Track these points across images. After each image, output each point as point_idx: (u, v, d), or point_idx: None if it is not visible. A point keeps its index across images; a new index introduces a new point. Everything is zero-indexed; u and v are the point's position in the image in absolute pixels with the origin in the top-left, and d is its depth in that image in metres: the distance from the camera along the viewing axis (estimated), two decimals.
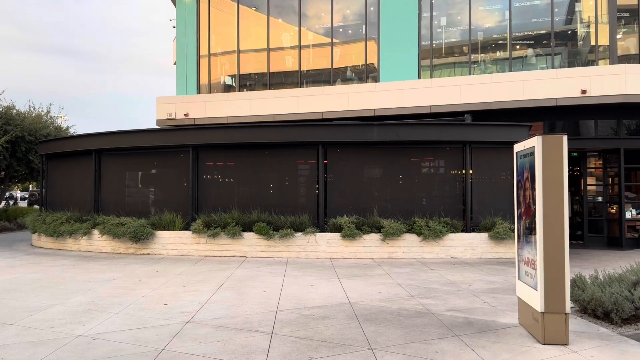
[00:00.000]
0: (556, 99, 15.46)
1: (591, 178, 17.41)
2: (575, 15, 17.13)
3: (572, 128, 16.87)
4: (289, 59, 19.43)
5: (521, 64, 17.34)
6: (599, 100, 15.12)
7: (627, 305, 6.46)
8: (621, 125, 16.27)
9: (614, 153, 16.36)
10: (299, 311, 7.20)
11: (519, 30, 17.24)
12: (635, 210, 16.35)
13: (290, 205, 14.02)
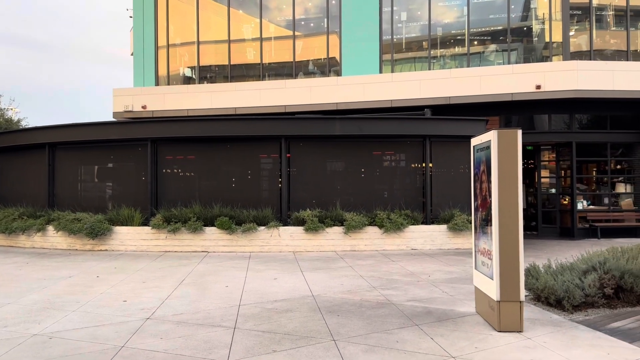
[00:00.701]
0: (512, 94, 15.92)
1: (545, 171, 18.04)
2: (530, 12, 17.65)
3: (527, 122, 17.41)
4: (251, 52, 19.25)
5: (479, 59, 17.74)
6: (553, 95, 15.65)
7: (578, 292, 6.75)
8: (573, 119, 16.91)
9: (567, 146, 17.00)
10: (262, 305, 7.20)
11: (477, 26, 17.63)
12: (587, 201, 17.06)
13: (253, 200, 13.95)
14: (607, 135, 16.89)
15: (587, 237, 16.37)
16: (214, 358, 4.99)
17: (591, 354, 5.08)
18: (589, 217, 16.65)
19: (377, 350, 5.21)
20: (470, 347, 5.31)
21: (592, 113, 16.97)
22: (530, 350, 5.21)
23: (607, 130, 16.90)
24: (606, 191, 17.10)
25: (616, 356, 5.01)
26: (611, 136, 16.89)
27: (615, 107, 16.64)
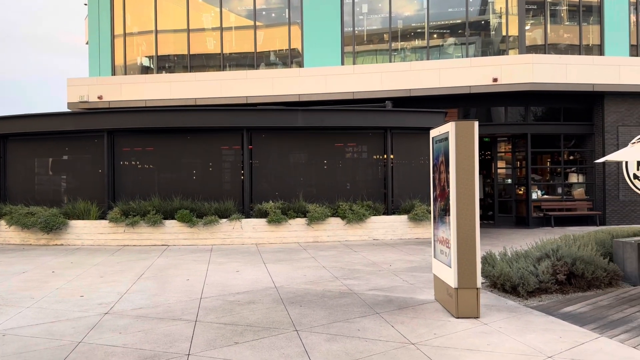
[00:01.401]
0: (470, 87, 16.26)
1: (501, 162, 18.56)
2: (488, 6, 18.03)
3: (485, 114, 17.84)
4: (211, 41, 18.94)
5: (438, 52, 18.03)
6: (509, 88, 16.08)
7: (532, 279, 7.00)
8: (529, 111, 17.43)
9: (522, 138, 17.53)
10: (224, 297, 7.15)
11: (436, 20, 17.89)
12: (541, 191, 17.66)
13: (215, 192, 13.80)
14: (561, 127, 17.50)
15: (541, 225, 16.96)
16: (175, 351, 4.93)
17: (544, 338, 5.29)
18: (543, 206, 17.24)
19: (339, 339, 5.27)
20: (429, 333, 5.43)
21: (547, 105, 17.54)
22: (487, 335, 5.38)
23: (560, 122, 17.51)
24: (559, 181, 17.74)
25: (568, 339, 5.23)
26: (564, 128, 17.51)
27: (568, 99, 17.24)
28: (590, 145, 17.50)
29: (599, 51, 17.53)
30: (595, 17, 17.65)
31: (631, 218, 16.77)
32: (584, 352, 4.84)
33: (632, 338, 5.28)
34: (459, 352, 4.86)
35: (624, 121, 16.97)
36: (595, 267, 7.38)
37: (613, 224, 16.24)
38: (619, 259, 8.06)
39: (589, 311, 6.35)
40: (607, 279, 7.54)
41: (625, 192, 16.89)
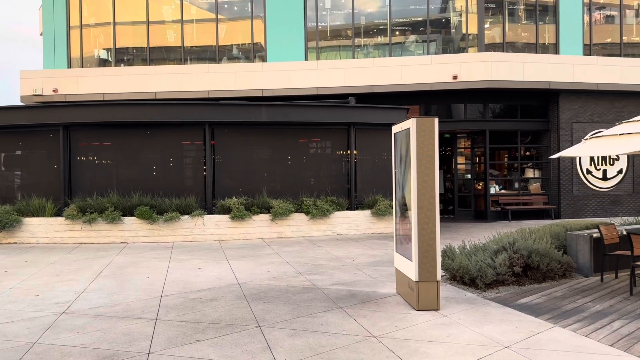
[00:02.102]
0: (431, 84, 16.52)
1: (461, 157, 18.97)
2: (448, 5, 18.34)
3: (446, 111, 18.17)
4: (171, 34, 18.56)
5: (400, 49, 18.23)
6: (469, 85, 16.42)
7: (490, 271, 7.20)
8: (487, 108, 17.86)
9: (481, 134, 17.95)
10: (185, 295, 7.05)
11: (399, 17, 18.07)
12: (499, 186, 18.15)
13: (176, 188, 13.56)
14: (518, 123, 18.01)
15: (499, 219, 17.44)
16: (135, 350, 4.84)
17: (501, 328, 5.45)
18: (500, 200, 17.73)
19: (302, 334, 5.28)
20: (390, 326, 5.51)
21: (504, 102, 18.01)
22: (446, 327, 5.50)
23: (517, 119, 18.02)
24: (516, 176, 18.27)
25: (524, 329, 5.40)
26: (521, 124, 18.03)
27: (525, 96, 17.76)
28: (545, 141, 18.08)
29: (554, 50, 18.10)
30: (551, 16, 18.21)
31: (584, 212, 17.44)
32: (538, 342, 5.01)
33: (583, 327, 5.50)
34: (419, 344, 4.95)
35: (578, 118, 17.60)
36: (550, 260, 7.64)
37: (567, 218, 16.84)
38: (572, 251, 8.38)
39: (544, 302, 6.57)
40: (562, 271, 7.83)
41: (579, 187, 17.55)
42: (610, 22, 18.84)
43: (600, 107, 17.73)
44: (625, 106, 17.63)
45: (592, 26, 18.45)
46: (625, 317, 5.87)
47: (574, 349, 4.82)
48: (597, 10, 18.73)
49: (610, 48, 18.67)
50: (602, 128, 15.90)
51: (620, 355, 4.65)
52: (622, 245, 7.91)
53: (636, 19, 19.04)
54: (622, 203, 17.73)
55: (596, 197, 17.64)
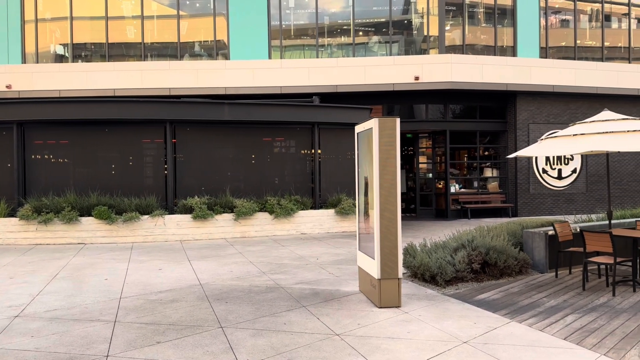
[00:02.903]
0: (393, 84, 16.73)
1: (423, 157, 19.29)
2: (410, 6, 18.60)
3: (408, 111, 18.44)
4: (131, 30, 18.14)
5: (364, 49, 18.38)
6: (430, 86, 16.71)
7: (450, 268, 7.35)
8: (448, 109, 18.22)
9: (442, 134, 18.30)
10: (145, 297, 6.92)
11: (362, 17, 18.22)
12: (459, 185, 18.55)
13: (136, 187, 13.27)
14: (477, 124, 18.46)
15: (459, 217, 17.83)
16: (93, 353, 4.72)
17: (460, 324, 5.57)
18: (460, 199, 18.12)
19: (265, 333, 5.26)
20: (353, 324, 5.56)
21: (464, 103, 18.42)
22: (407, 323, 5.59)
23: (477, 120, 18.46)
24: (475, 175, 18.72)
25: (482, 325, 5.54)
26: (480, 125, 18.49)
27: (484, 98, 18.20)
28: (503, 141, 18.59)
29: (512, 52, 18.62)
30: (509, 20, 18.72)
31: (540, 210, 18.03)
32: (496, 337, 5.15)
33: (539, 322, 5.69)
34: (380, 341, 5.01)
35: (534, 119, 18.17)
36: (507, 256, 7.87)
37: (524, 216, 17.37)
38: (528, 248, 8.65)
39: (501, 298, 6.76)
40: (518, 267, 8.07)
41: (535, 186, 18.12)
42: (565, 26, 19.52)
43: (556, 109, 18.36)
44: (579, 107, 18.32)
45: (548, 30, 19.07)
46: (578, 311, 6.11)
47: (530, 343, 4.97)
48: (553, 14, 19.38)
49: (565, 51, 19.35)
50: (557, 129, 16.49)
51: (573, 348, 4.83)
52: (575, 242, 8.21)
53: (589, 23, 19.79)
54: (576, 201, 18.42)
55: (551, 196, 18.26)
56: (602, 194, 18.41)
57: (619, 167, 18.81)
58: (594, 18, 19.73)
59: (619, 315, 5.91)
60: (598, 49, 19.53)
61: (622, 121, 7.59)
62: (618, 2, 19.82)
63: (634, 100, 18.77)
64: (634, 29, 19.93)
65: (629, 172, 18.99)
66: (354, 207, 13.76)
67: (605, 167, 8.81)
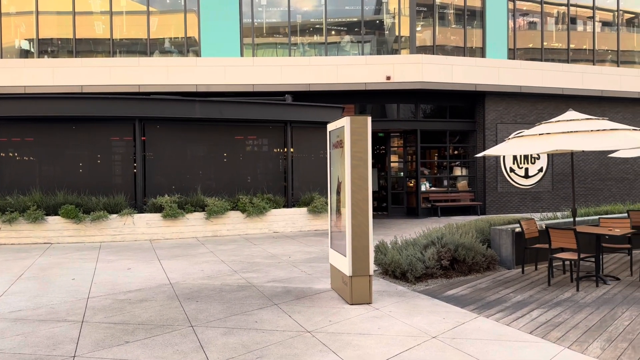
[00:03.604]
0: (365, 84, 16.84)
1: (394, 156, 19.47)
2: (382, 6, 18.75)
3: (380, 111, 18.59)
4: (99, 26, 17.77)
5: (336, 49, 18.44)
6: (401, 86, 16.89)
7: (420, 265, 7.46)
8: (419, 109, 18.45)
9: (413, 134, 18.51)
10: (114, 296, 6.80)
11: (334, 17, 18.27)
12: (429, 183, 18.80)
13: (104, 186, 13.02)
14: (447, 123, 18.74)
15: (429, 215, 18.07)
16: (59, 354, 4.62)
17: (429, 319, 5.67)
18: (431, 197, 18.38)
19: (236, 331, 5.25)
20: (324, 321, 5.59)
21: (435, 103, 18.67)
22: (378, 319, 5.65)
23: (447, 119, 18.74)
24: (445, 174, 19.01)
25: (450, 320, 5.64)
26: (450, 125, 18.78)
27: (454, 98, 18.49)
28: (472, 141, 18.93)
29: (481, 53, 18.96)
30: (479, 21, 19.06)
31: (508, 208, 18.42)
32: (463, 331, 5.26)
33: (505, 316, 5.83)
34: (351, 337, 5.06)
35: (502, 119, 18.55)
36: (475, 253, 8.03)
37: (492, 214, 17.73)
38: (496, 245, 8.84)
39: (469, 293, 6.90)
40: (486, 264, 8.24)
41: (502, 184, 18.51)
42: (532, 28, 19.98)
43: (523, 109, 18.78)
44: (545, 107, 18.78)
45: (516, 32, 19.49)
46: (543, 306, 6.28)
47: (497, 337, 5.09)
48: (521, 16, 19.81)
49: (533, 53, 19.81)
50: (524, 128, 16.85)
51: (538, 342, 4.97)
52: (541, 239, 8.43)
53: (556, 26, 20.31)
54: (543, 200, 18.89)
55: (519, 194, 18.68)
56: (567, 192, 18.94)
57: (584, 167, 19.38)
58: (560, 21, 20.26)
59: (583, 309, 6.10)
60: (564, 51, 20.06)
61: (586, 121, 7.82)
62: (583, 6, 20.39)
63: (598, 101, 19.36)
64: (598, 32, 20.54)
65: (593, 171, 19.58)
66: (327, 205, 13.82)
67: (570, 166, 9.08)
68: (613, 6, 20.69)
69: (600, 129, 7.40)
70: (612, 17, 20.77)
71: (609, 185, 19.84)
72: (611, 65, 20.48)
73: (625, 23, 21.07)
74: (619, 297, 6.69)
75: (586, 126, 7.57)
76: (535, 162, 18.83)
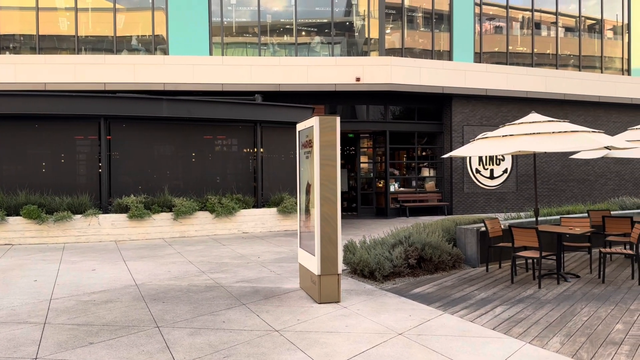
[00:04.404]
0: (335, 85, 16.93)
1: (364, 157, 19.63)
2: (352, 8, 18.88)
3: (350, 112, 18.71)
4: (64, 22, 17.34)
5: (307, 49, 18.47)
6: (370, 87, 17.04)
7: (387, 264, 7.54)
8: (388, 110, 18.65)
9: (382, 135, 18.70)
10: (77, 298, 6.66)
11: (304, 17, 18.31)
12: (398, 184, 19.02)
13: (68, 186, 12.71)
14: (415, 125, 19.00)
15: (398, 216, 18.28)
16: (20, 356, 4.50)
17: (396, 317, 5.74)
18: (399, 198, 18.60)
19: (203, 332, 5.21)
20: (293, 320, 5.61)
21: (403, 105, 18.91)
22: (346, 317, 5.70)
23: (415, 121, 19.01)
24: (414, 175, 19.27)
25: (416, 317, 5.74)
26: (418, 126, 19.05)
27: (422, 100, 18.77)
28: (440, 142, 19.25)
29: (448, 57, 19.30)
30: (446, 25, 19.40)
31: (474, 208, 18.80)
32: (429, 328, 5.35)
33: (470, 313, 5.95)
34: (319, 335, 5.08)
35: (469, 121, 18.92)
36: (441, 252, 8.17)
37: (459, 214, 18.06)
38: (461, 244, 9.02)
39: (435, 291, 7.02)
40: (452, 262, 8.40)
41: (469, 185, 18.88)
42: (498, 33, 20.45)
43: (489, 111, 19.20)
44: (510, 110, 19.25)
45: (482, 36, 19.92)
46: (506, 303, 6.44)
47: (461, 333, 5.20)
48: (487, 20, 20.26)
49: (498, 56, 20.27)
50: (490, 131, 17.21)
51: (501, 337, 5.10)
52: (505, 238, 8.65)
53: (521, 30, 20.83)
54: (507, 200, 19.35)
55: (484, 195, 19.08)
56: (531, 193, 19.45)
57: (547, 168, 19.94)
58: (525, 25, 20.80)
59: (544, 306, 6.28)
60: (528, 55, 20.60)
61: (548, 123, 8.06)
62: (547, 11, 20.98)
63: (561, 104, 19.95)
64: (561, 37, 21.17)
65: (556, 172, 20.16)
66: (296, 205, 13.83)
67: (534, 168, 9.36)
68: (575, 12, 21.37)
69: (561, 131, 7.63)
70: (575, 23, 21.45)
71: (571, 186, 20.47)
72: (573, 69, 21.14)
73: (587, 29, 21.78)
74: (579, 293, 6.91)
75: (548, 128, 7.80)
76: (500, 163, 19.27)
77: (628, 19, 22.10)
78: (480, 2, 19.74)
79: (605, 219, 9.40)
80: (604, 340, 4.99)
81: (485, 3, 19.90)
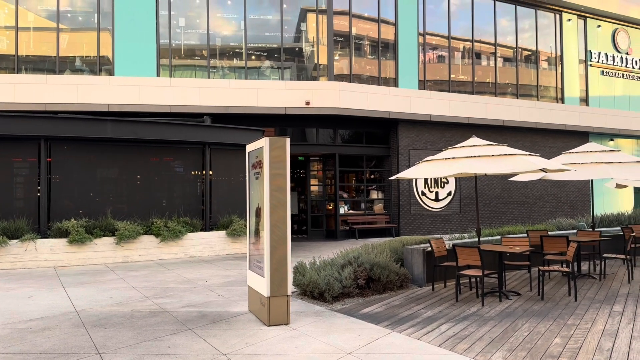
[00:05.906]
0: (285, 108, 17.07)
1: (314, 179, 19.77)
2: (302, 35, 19.21)
3: (300, 135, 18.86)
4: (4, 41, 16.69)
5: (257, 73, 18.58)
6: (320, 111, 17.29)
7: (337, 284, 7.59)
8: (337, 134, 18.94)
9: (331, 158, 18.93)
10: (12, 325, 6.30)
11: (254, 42, 18.45)
12: (347, 206, 19.23)
13: (4, 209, 12.09)
14: (364, 148, 19.38)
15: (348, 238, 18.43)
16: None
17: (345, 337, 5.77)
18: (349, 220, 18.78)
19: (147, 357, 5.04)
20: (241, 343, 5.52)
21: (352, 129, 19.27)
22: (295, 339, 5.67)
23: (363, 145, 19.38)
24: (362, 197, 19.55)
25: (365, 336, 5.78)
26: (367, 150, 19.43)
27: (370, 124, 19.20)
28: (387, 165, 19.68)
29: (394, 83, 19.89)
30: (392, 53, 20.05)
31: (420, 229, 19.23)
32: (377, 347, 5.40)
33: (417, 331, 6.06)
34: (268, 358, 5.03)
35: (414, 145, 19.49)
36: (389, 272, 8.30)
37: (406, 235, 18.38)
38: (408, 264, 9.20)
39: (384, 310, 7.11)
40: (399, 282, 8.54)
41: (415, 207, 19.33)
42: (441, 61, 21.32)
43: (433, 136, 19.86)
44: (453, 135, 19.97)
45: (426, 64, 20.70)
46: (452, 320, 6.60)
47: (408, 350, 5.29)
48: (431, 50, 21.10)
49: (441, 84, 21.09)
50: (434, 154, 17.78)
51: (446, 354, 5.22)
52: (449, 257, 8.89)
53: (462, 60, 21.80)
54: (452, 221, 19.92)
55: (430, 217, 19.58)
56: (474, 214, 20.12)
57: (488, 191, 20.74)
58: (466, 55, 21.80)
59: (487, 322, 6.49)
60: (469, 83, 21.55)
61: (488, 146, 8.45)
62: (486, 42, 22.10)
63: (500, 130, 20.91)
64: (500, 67, 22.31)
65: (497, 195, 20.99)
66: (246, 228, 13.71)
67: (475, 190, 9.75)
68: (513, 44, 22.62)
69: (500, 154, 8.02)
70: (512, 53, 22.69)
71: (511, 208, 21.34)
72: (512, 97, 22.27)
73: (523, 59, 23.07)
74: (520, 310, 7.18)
75: (488, 151, 8.17)
76: (444, 186, 19.88)
77: (561, 50, 23.60)
78: (424, 32, 20.57)
79: (543, 239, 9.86)
80: (543, 354, 5.20)
81: (429, 33, 20.75)
